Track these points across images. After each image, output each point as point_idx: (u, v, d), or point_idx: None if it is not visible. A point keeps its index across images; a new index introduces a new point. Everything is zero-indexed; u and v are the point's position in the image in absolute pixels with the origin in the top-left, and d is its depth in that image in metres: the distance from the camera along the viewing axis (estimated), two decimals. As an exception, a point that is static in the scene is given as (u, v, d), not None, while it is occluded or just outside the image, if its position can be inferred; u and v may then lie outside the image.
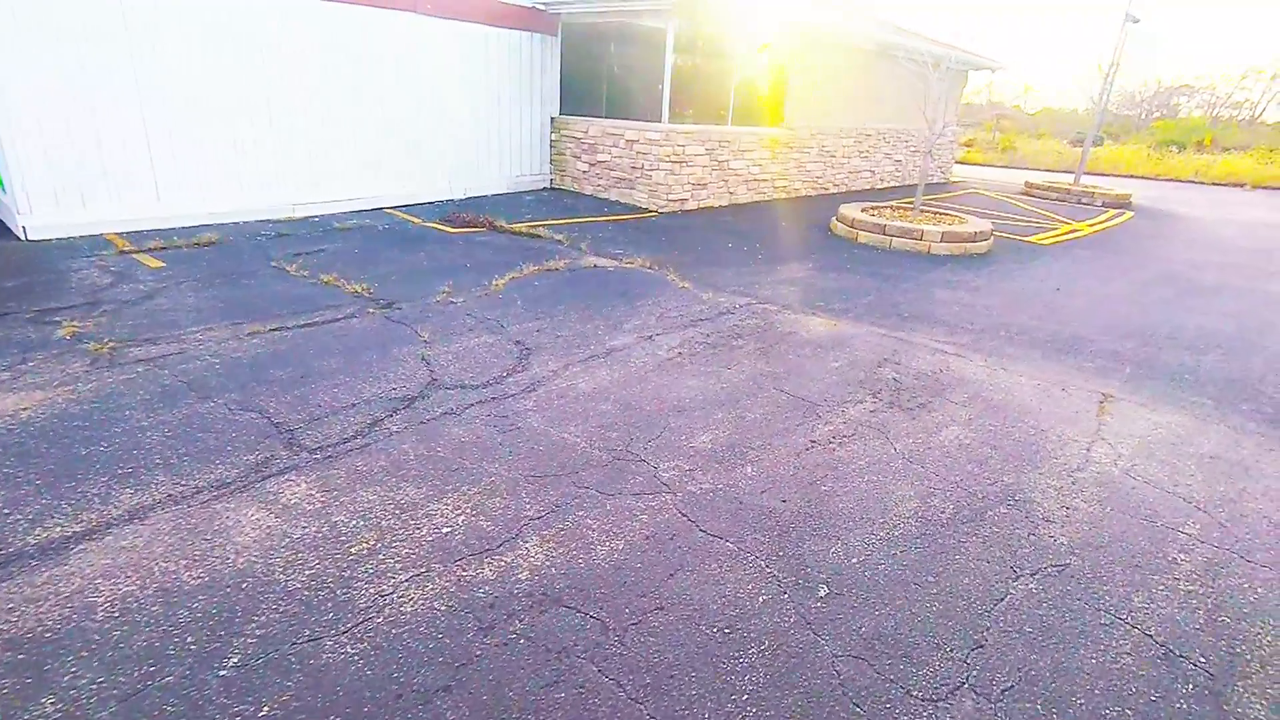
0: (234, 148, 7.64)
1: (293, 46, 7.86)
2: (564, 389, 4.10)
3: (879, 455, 3.55)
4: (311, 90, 8.15)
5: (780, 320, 5.70)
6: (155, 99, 6.92)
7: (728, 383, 4.36)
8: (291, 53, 7.88)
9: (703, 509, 2.97)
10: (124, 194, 6.90)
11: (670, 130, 9.71)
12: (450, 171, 9.96)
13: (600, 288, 6.27)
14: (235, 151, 7.65)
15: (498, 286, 6.10)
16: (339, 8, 8.15)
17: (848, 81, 13.27)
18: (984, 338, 5.61)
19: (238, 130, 7.61)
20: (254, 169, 7.86)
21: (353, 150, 8.77)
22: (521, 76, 10.47)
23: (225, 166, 7.61)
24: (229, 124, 7.52)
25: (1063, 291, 7.35)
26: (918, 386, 4.50)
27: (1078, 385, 4.71)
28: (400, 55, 8.92)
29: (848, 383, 4.48)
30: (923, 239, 8.72)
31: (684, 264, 7.32)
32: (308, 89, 8.11)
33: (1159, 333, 6.04)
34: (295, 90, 8.01)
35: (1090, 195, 15.41)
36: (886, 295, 6.72)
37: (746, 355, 4.85)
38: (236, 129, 7.60)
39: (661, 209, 10.08)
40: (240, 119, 7.61)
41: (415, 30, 8.98)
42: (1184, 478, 3.52)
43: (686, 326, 5.38)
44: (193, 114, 7.22)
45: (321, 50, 8.14)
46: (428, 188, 9.75)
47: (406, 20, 8.84)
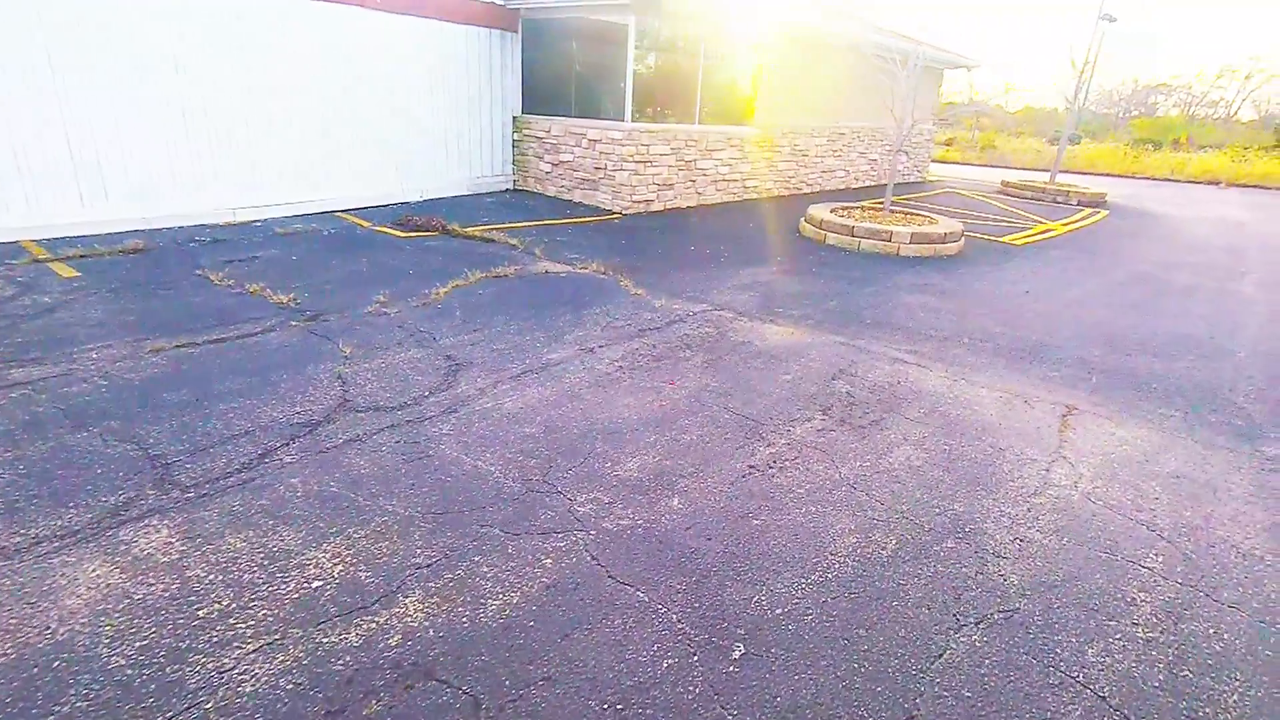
0: (166, 149, 7.24)
1: (228, 43, 7.48)
2: (488, 409, 3.78)
3: (821, 482, 3.27)
4: (251, 89, 7.77)
5: (734, 329, 5.41)
6: (77, 99, 6.52)
7: (668, 400, 4.06)
8: (227, 49, 7.49)
9: (616, 551, 2.67)
10: (42, 199, 6.49)
11: (633, 129, 9.40)
12: (405, 173, 9.59)
13: (547, 295, 5.95)
14: (168, 153, 7.26)
15: (438, 295, 5.76)
16: (279, 1, 7.77)
17: (820, 79, 13.03)
18: (947, 345, 5.35)
19: (170, 131, 7.22)
20: (189, 171, 7.46)
21: (299, 151, 8.39)
22: (480, 74, 10.12)
23: (156, 169, 7.21)
24: (160, 125, 7.13)
25: (1032, 294, 7.12)
26: (872, 401, 4.22)
27: (1041, 397, 4.46)
28: (349, 52, 8.55)
29: (798, 398, 4.20)
30: (891, 240, 8.48)
31: (640, 269, 7.02)
32: (246, 87, 7.72)
33: (1129, 338, 5.82)
34: (233, 89, 7.62)
35: (1066, 194, 15.29)
36: (850, 300, 6.45)
37: (692, 369, 4.55)
38: (168, 130, 7.21)
39: (625, 211, 9.77)
40: (172, 119, 7.21)
41: (365, 25, 8.61)
42: (1148, 501, 3.26)
43: (632, 337, 5.07)
44: (119, 115, 6.82)
45: (261, 47, 7.76)
46: (381, 190, 9.39)
47: (354, 15, 8.47)
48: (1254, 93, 47.77)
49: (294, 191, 8.46)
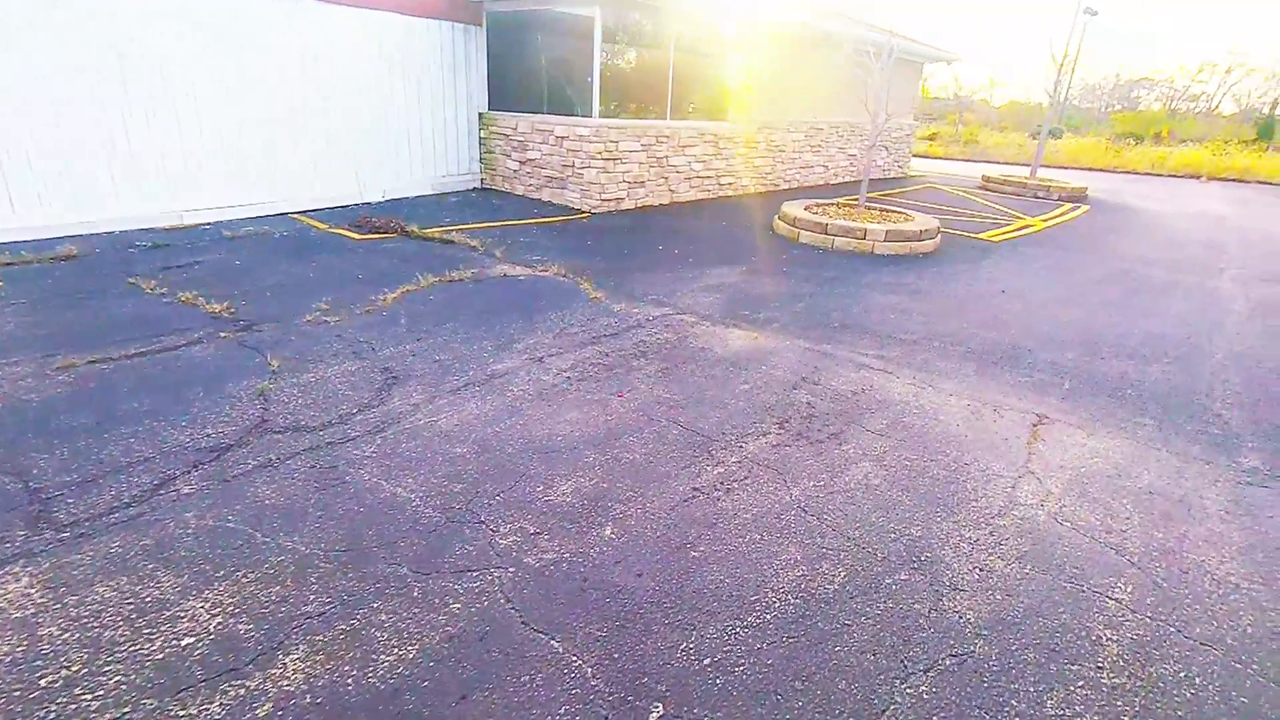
0: (107, 151, 6.90)
1: (171, 40, 7.14)
2: (419, 427, 3.52)
3: (770, 505, 3.03)
4: (200, 86, 7.44)
5: (695, 334, 5.17)
6: (4, 99, 6.17)
7: (614, 414, 3.80)
8: (171, 46, 7.15)
9: (535, 591, 2.42)
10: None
11: (601, 125, 9.13)
12: (366, 173, 9.28)
13: (502, 300, 5.68)
14: (108, 155, 6.92)
15: (386, 301, 5.48)
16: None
17: (798, 74, 12.80)
18: (917, 349, 5.13)
19: (110, 132, 6.88)
20: (131, 174, 7.12)
21: (251, 152, 8.07)
22: (444, 70, 9.81)
23: (96, 172, 6.87)
24: (98, 125, 6.79)
25: (1008, 294, 6.92)
26: (833, 412, 3.99)
27: (1011, 405, 4.24)
28: (303, 47, 8.22)
29: (755, 409, 3.96)
30: (866, 238, 8.26)
31: (603, 271, 6.76)
32: (191, 85, 7.39)
33: (1104, 340, 5.62)
34: (180, 86, 7.29)
35: (1046, 189, 15.17)
36: (819, 301, 6.23)
37: (645, 378, 4.30)
38: (108, 130, 6.87)
39: (594, 209, 9.51)
40: (112, 120, 6.87)
41: (319, 19, 8.29)
42: (1118, 522, 3.05)
43: (586, 345, 4.82)
44: (53, 115, 6.47)
45: (207, 43, 7.42)
46: (340, 191, 9.07)
47: (308, 8, 8.14)
48: (1234, 87, 48.11)
49: (246, 193, 8.14)
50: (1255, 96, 45.32)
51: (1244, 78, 46.24)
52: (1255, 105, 44.26)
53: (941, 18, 65.56)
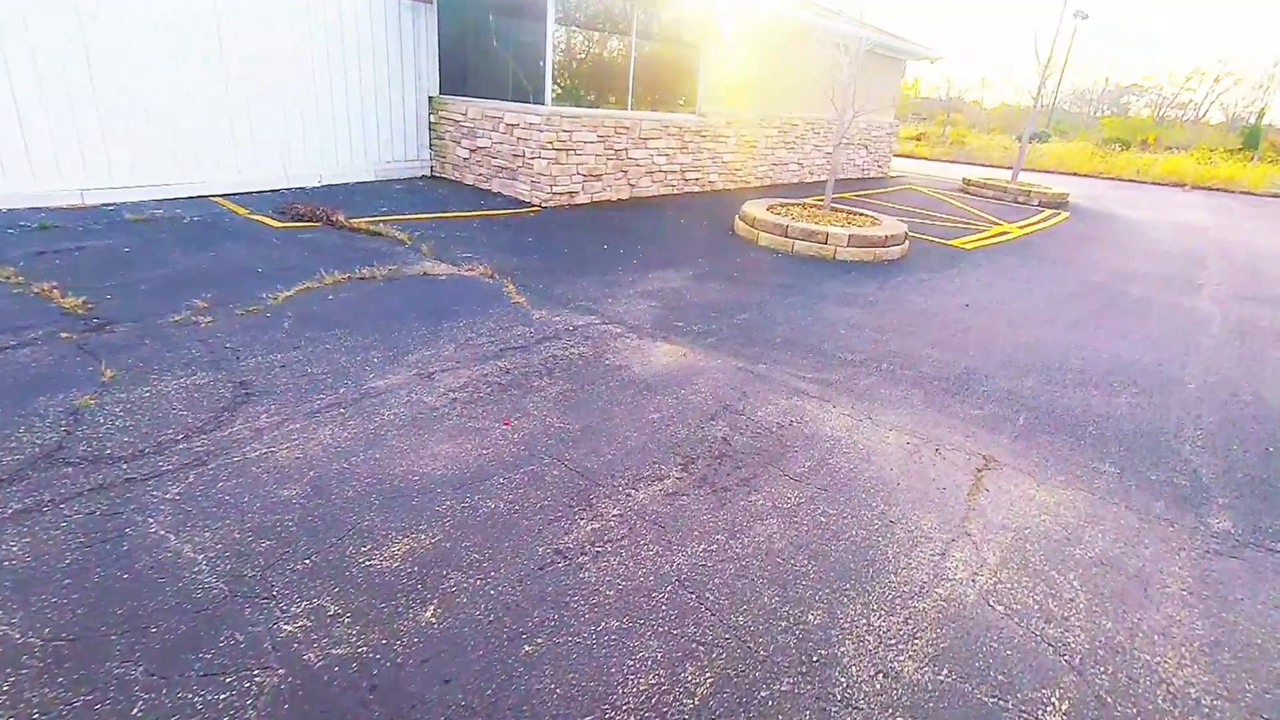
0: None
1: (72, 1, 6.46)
2: (249, 461, 2.95)
3: (643, 576, 2.49)
4: (100, 55, 6.76)
5: (615, 349, 4.62)
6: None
7: (492, 447, 3.25)
8: (70, 7, 6.47)
9: (299, 708, 1.86)
10: None
11: (553, 113, 8.53)
12: (301, 156, 8.63)
13: (411, 303, 5.10)
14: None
15: (277, 300, 4.89)
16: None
17: (771, 66, 12.24)
18: (861, 372, 4.61)
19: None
20: (20, 150, 6.45)
21: (168, 129, 7.41)
22: (390, 49, 9.16)
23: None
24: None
25: (972, 308, 6.43)
26: (750, 450, 3.46)
27: (956, 444, 3.73)
28: (223, 17, 7.55)
29: (659, 445, 3.42)
30: (828, 242, 7.74)
31: (536, 271, 6.19)
32: (92, 53, 6.71)
33: (1068, 364, 5.13)
34: (75, 55, 6.61)
35: (1027, 194, 14.74)
36: (766, 312, 5.69)
37: (542, 402, 3.75)
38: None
39: (545, 203, 8.91)
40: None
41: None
42: (1062, 605, 2.54)
43: (489, 358, 4.26)
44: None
45: (124, 7, 6.74)
46: (272, 174, 8.42)
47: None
48: (1222, 95, 48.14)
49: (161, 173, 7.48)
50: (1242, 105, 45.35)
51: (1232, 87, 46.28)
52: (1242, 114, 44.28)
53: (937, 18, 65.24)
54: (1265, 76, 43.17)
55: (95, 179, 7.02)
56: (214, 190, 7.98)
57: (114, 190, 7.19)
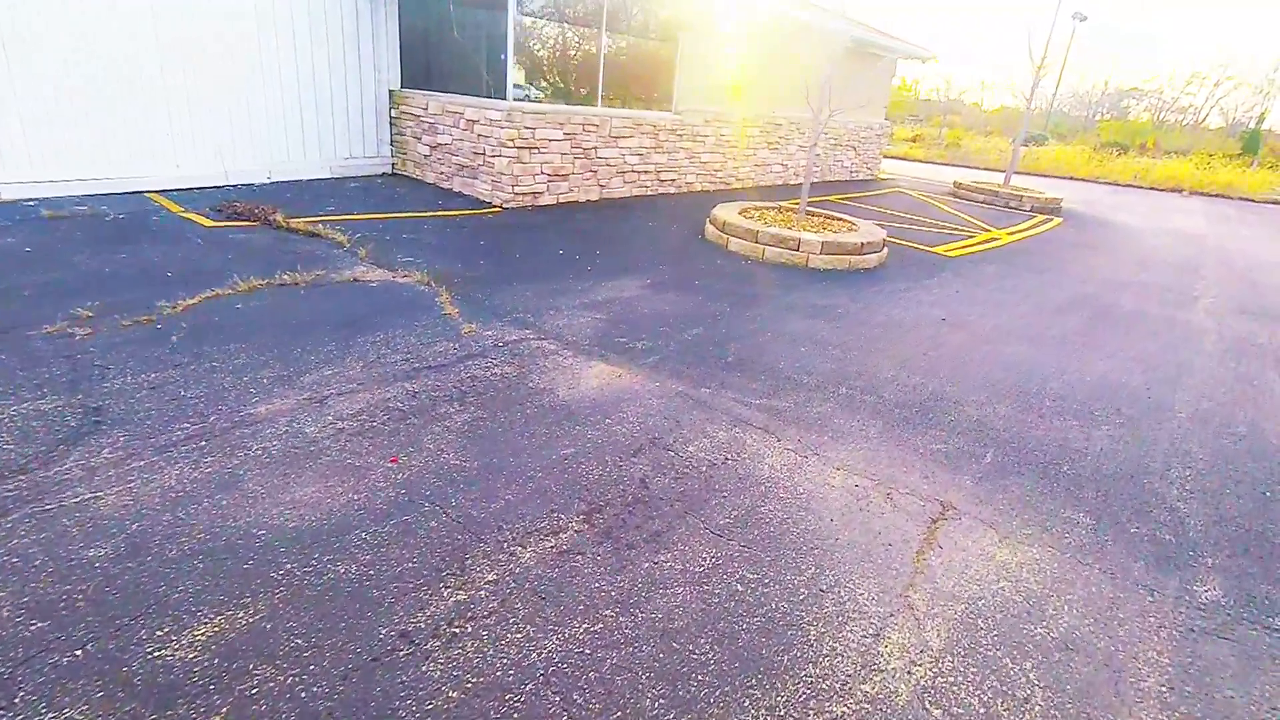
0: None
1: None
2: (65, 510, 2.49)
3: (501, 671, 2.03)
4: (27, 36, 6.29)
5: (544, 369, 4.16)
6: None
7: (368, 490, 2.79)
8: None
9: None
10: None
11: (514, 109, 8.06)
12: (248, 151, 8.16)
13: (328, 314, 4.64)
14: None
15: (176, 309, 4.43)
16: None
17: (752, 63, 11.77)
18: (817, 398, 4.16)
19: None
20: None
21: (96, 121, 6.95)
22: (345, 38, 8.68)
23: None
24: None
25: (950, 322, 5.98)
26: (671, 495, 3.00)
27: (911, 487, 3.28)
28: (158, 2, 7.07)
29: (566, 488, 2.96)
30: (799, 249, 7.29)
31: (479, 279, 5.74)
32: (18, 35, 6.24)
33: (1047, 388, 4.68)
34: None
35: (1019, 199, 14.30)
36: (722, 327, 5.24)
37: (442, 434, 3.29)
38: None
39: (506, 204, 8.45)
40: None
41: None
42: (1013, 708, 2.08)
43: (398, 379, 3.80)
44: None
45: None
46: (213, 170, 7.95)
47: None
48: (1222, 100, 47.79)
49: (91, 167, 7.02)
50: (1242, 110, 44.97)
51: (1232, 91, 45.91)
52: (1242, 119, 43.90)
53: (939, 18, 64.91)
54: (1265, 81, 42.80)
55: (14, 172, 6.56)
56: (151, 185, 7.52)
57: (36, 185, 6.72)
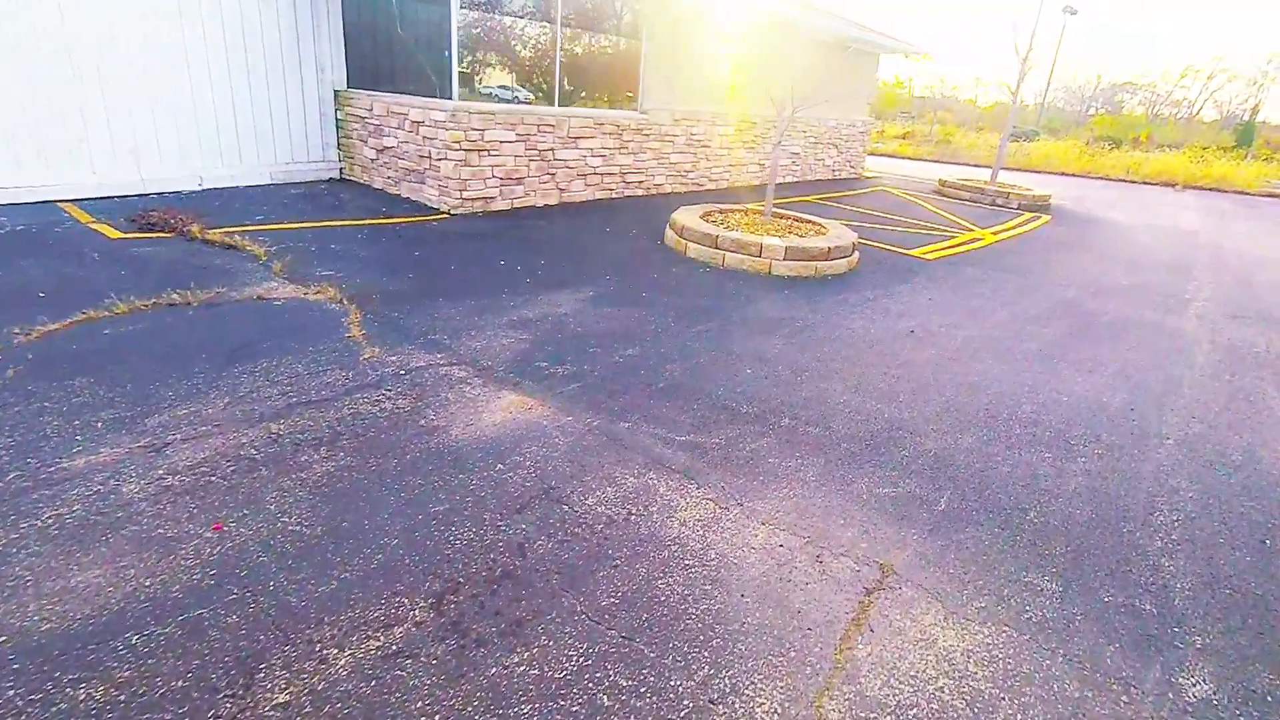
0: None
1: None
2: None
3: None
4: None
5: (444, 401, 3.64)
6: None
7: (168, 572, 2.28)
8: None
9: None
10: None
11: (460, 108, 7.55)
12: (176, 156, 7.64)
13: (211, 339, 4.13)
14: None
15: (29, 337, 3.93)
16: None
17: (725, 59, 11.25)
18: (754, 431, 3.65)
19: None
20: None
21: (9, 124, 6.43)
22: (282, 35, 8.17)
23: None
24: None
25: (918, 335, 5.47)
26: (552, 565, 2.48)
27: (847, 545, 2.76)
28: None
29: (422, 559, 2.45)
30: (761, 255, 6.78)
31: (402, 294, 5.23)
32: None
33: (1019, 411, 4.17)
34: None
35: (1006, 196, 13.82)
36: (662, 345, 4.73)
37: (294, 489, 2.78)
38: None
39: (455, 210, 7.93)
40: None
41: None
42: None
43: (265, 418, 3.28)
44: None
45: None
46: (137, 176, 7.42)
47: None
48: (1216, 93, 47.44)
49: (3, 173, 6.48)
50: (1236, 103, 44.61)
51: (1226, 84, 45.56)
52: (1236, 111, 43.53)
53: (939, 17, 64.63)
54: (1259, 73, 42.43)
55: (-96, 184, 6.02)
56: (65, 194, 6.99)
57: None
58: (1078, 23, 53.02)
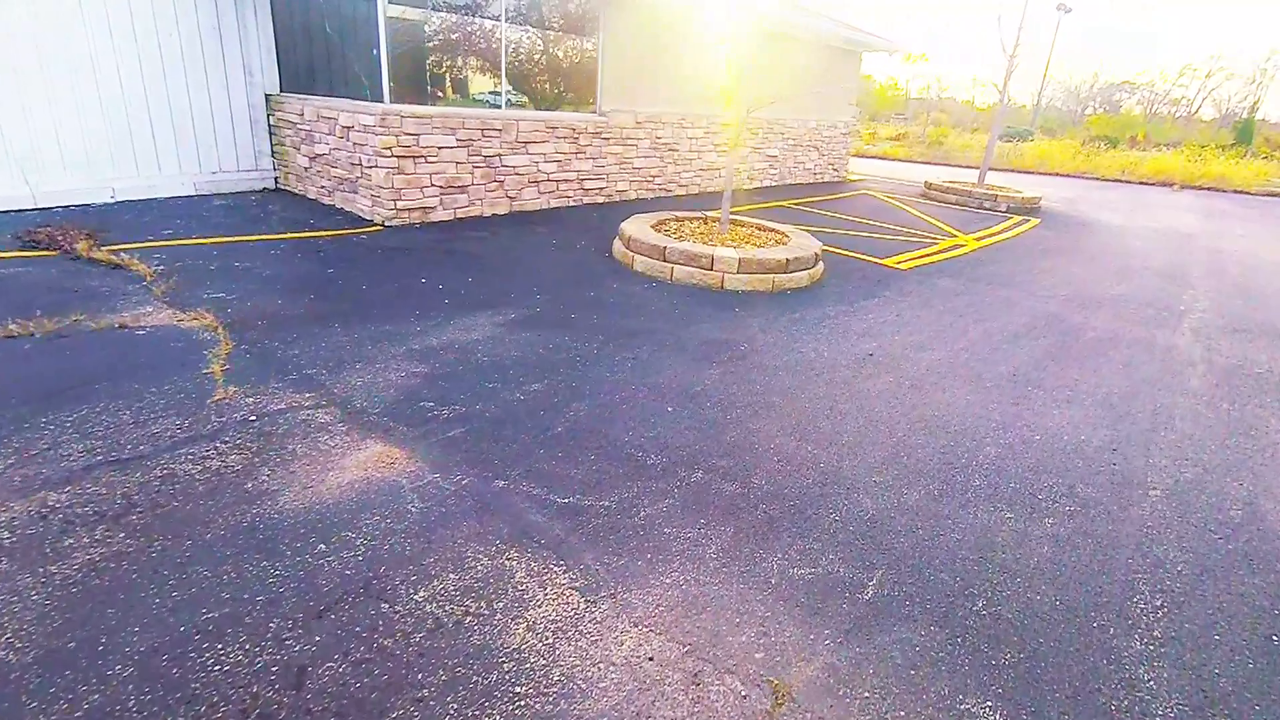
0: None
1: None
2: None
3: None
4: None
5: (289, 456, 3.04)
6: None
7: None
8: None
9: None
10: None
11: (390, 112, 6.96)
12: (82, 165, 7.06)
13: (34, 378, 3.55)
14: None
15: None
16: None
17: (694, 56, 10.65)
18: (654, 490, 3.04)
19: None
20: None
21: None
22: (204, 35, 7.60)
23: None
24: None
25: (877, 359, 4.86)
26: (332, 705, 1.88)
27: (740, 655, 2.15)
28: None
29: (154, 699, 1.83)
30: (713, 268, 6.18)
31: (291, 320, 4.63)
32: None
33: (980, 456, 3.56)
34: None
35: (994, 198, 13.22)
36: (575, 378, 4.13)
37: (29, 591, 2.18)
38: None
39: (389, 221, 7.34)
40: None
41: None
42: None
43: (45, 485, 2.69)
44: None
45: None
46: (33, 189, 6.81)
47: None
48: (1214, 91, 46.89)
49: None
50: (1235, 101, 44.06)
51: (1224, 82, 45.02)
52: (1235, 110, 42.98)
53: (940, 17, 64.29)
54: (1258, 70, 41.86)
55: None
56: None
57: None
58: (1076, 22, 52.44)
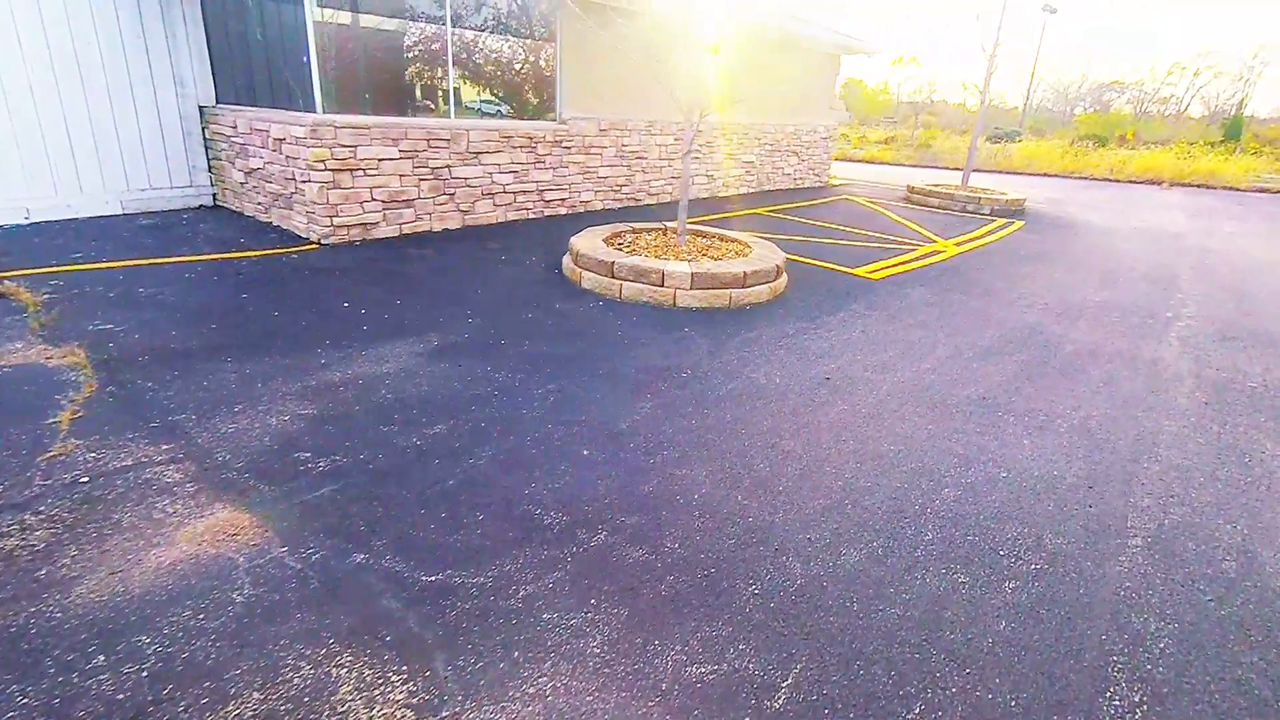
0: None
1: None
2: None
3: None
4: None
5: (110, 529, 2.58)
6: None
7: None
8: None
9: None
10: None
11: (322, 122, 6.51)
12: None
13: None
14: None
15: None
16: None
17: (662, 60, 10.22)
18: (541, 559, 2.57)
19: None
20: None
21: None
22: (128, 43, 7.17)
23: None
24: None
25: (833, 383, 4.40)
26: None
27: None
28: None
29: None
30: (664, 284, 5.72)
31: (176, 355, 4.16)
32: None
33: (935, 504, 3.09)
34: None
35: (977, 201, 12.81)
36: (489, 415, 3.66)
37: None
38: None
39: (326, 239, 6.87)
40: None
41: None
42: None
43: None
44: None
45: None
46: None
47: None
48: (1202, 89, 46.76)
49: None
50: (1224, 98, 43.91)
51: (1212, 80, 44.88)
52: (1224, 107, 42.81)
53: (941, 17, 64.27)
54: (1245, 67, 41.71)
55: None
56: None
57: None
58: (1076, 22, 52.26)
